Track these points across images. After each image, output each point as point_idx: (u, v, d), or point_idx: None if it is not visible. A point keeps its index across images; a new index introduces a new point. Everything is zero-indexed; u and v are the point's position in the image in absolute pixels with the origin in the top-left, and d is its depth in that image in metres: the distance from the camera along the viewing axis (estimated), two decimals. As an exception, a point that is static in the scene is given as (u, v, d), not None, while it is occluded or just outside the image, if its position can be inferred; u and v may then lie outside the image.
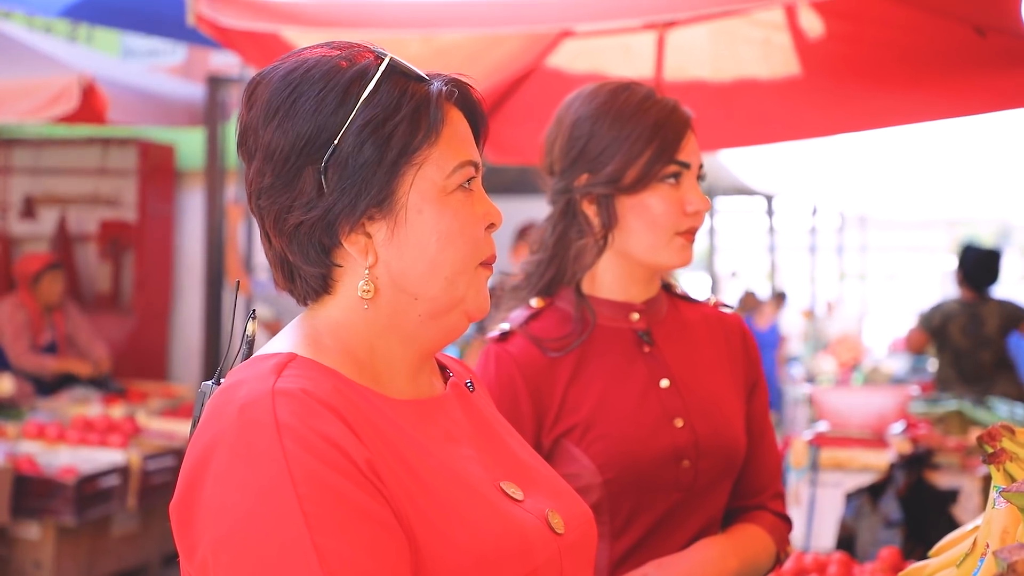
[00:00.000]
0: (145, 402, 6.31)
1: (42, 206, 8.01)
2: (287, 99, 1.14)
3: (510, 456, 1.26)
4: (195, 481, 1.05)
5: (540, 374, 1.69)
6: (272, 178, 1.14)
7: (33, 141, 8.01)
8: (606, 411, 1.68)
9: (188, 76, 7.55)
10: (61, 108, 5.34)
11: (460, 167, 1.17)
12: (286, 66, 1.17)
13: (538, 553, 1.15)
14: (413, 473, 1.09)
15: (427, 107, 1.15)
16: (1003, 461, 1.34)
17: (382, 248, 1.15)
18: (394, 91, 1.14)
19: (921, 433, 4.21)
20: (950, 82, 3.38)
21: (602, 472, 1.65)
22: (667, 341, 1.76)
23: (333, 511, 1.01)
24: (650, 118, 1.69)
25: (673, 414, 1.70)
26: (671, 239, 1.72)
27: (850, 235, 17.02)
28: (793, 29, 3.33)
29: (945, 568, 1.45)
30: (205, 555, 1.03)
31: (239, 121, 1.19)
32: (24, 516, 5.06)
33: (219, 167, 6.82)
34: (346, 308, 1.17)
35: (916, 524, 3.65)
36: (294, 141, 1.13)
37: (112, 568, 5.47)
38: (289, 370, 1.09)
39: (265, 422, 1.03)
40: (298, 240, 1.14)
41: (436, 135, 1.15)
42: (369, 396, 1.13)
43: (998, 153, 12.62)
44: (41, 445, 5.41)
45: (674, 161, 1.70)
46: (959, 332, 5.89)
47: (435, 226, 1.15)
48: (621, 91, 1.73)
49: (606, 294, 1.76)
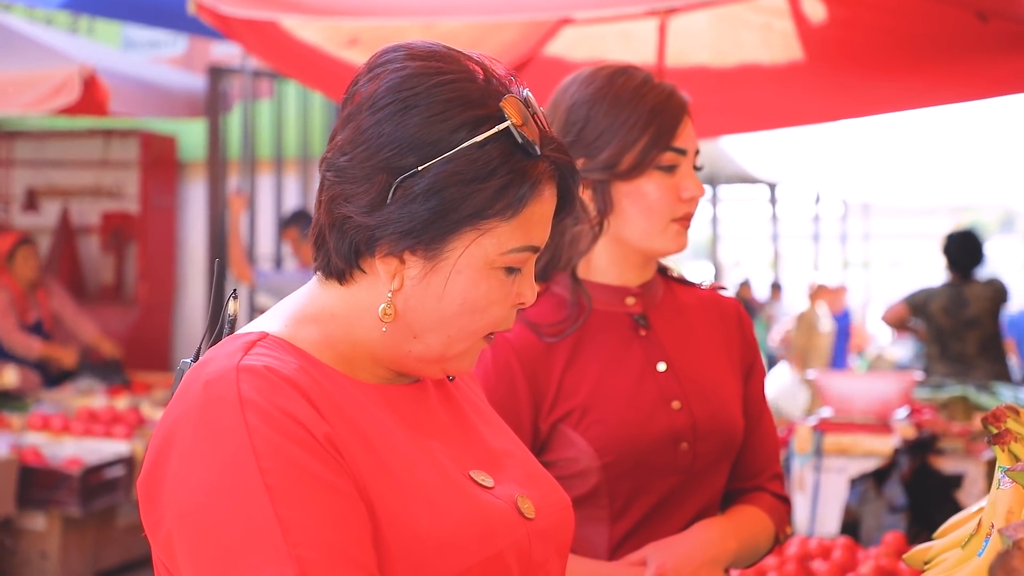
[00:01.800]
0: (149, 393, 6.32)
1: (44, 198, 8.02)
2: (403, 100, 1.11)
3: (483, 445, 1.25)
4: (160, 457, 1.06)
5: (537, 359, 1.69)
6: (347, 162, 1.12)
7: (35, 133, 8.02)
8: (603, 395, 1.68)
9: (189, 67, 7.55)
10: (63, 100, 5.35)
11: (520, 250, 1.15)
12: (425, 65, 1.13)
13: (503, 537, 1.14)
14: (375, 453, 1.09)
15: (519, 185, 1.12)
16: (1008, 442, 1.33)
17: (409, 281, 1.14)
18: (496, 155, 1.11)
19: (925, 418, 4.21)
20: (952, 67, 3.38)
21: (600, 456, 1.65)
22: (663, 324, 1.76)
23: (296, 484, 1.01)
24: (647, 104, 1.68)
25: (670, 397, 1.70)
26: (667, 225, 1.71)
27: (853, 223, 17.00)
28: (795, 14, 3.32)
29: (950, 549, 1.45)
30: (170, 530, 1.04)
31: (359, 73, 1.16)
32: (30, 507, 5.07)
33: (221, 158, 6.82)
34: (350, 307, 1.16)
35: (920, 509, 3.65)
36: (385, 145, 1.10)
37: (118, 559, 5.49)
38: (257, 348, 1.10)
39: (228, 398, 1.04)
40: (339, 229, 1.14)
41: (513, 213, 1.12)
42: (336, 378, 1.13)
43: (1001, 139, 12.58)
44: (46, 436, 5.42)
45: (671, 148, 1.68)
46: (940, 311, 5.96)
47: (464, 292, 1.14)
48: (618, 75, 1.72)
49: (601, 278, 1.75)
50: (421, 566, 1.07)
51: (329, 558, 1.00)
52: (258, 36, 3.53)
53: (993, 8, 3.00)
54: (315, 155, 7.50)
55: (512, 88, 1.16)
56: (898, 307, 6.36)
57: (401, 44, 1.17)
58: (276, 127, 7.34)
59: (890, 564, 2.84)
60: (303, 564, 0.98)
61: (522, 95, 1.15)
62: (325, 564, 0.99)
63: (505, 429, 1.34)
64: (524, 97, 1.15)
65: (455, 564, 1.09)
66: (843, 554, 2.95)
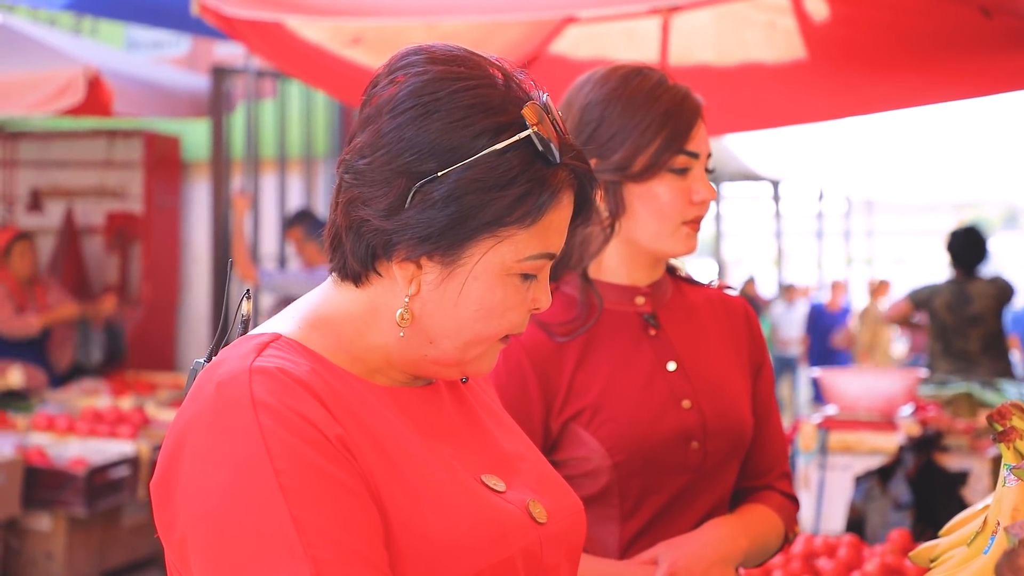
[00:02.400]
0: (154, 393, 6.33)
1: (48, 199, 8.03)
2: (424, 105, 1.10)
3: (496, 449, 1.25)
4: (173, 459, 1.06)
5: (548, 359, 1.69)
6: (367, 165, 1.12)
7: (39, 134, 8.03)
8: (614, 394, 1.68)
9: (192, 67, 7.56)
10: (67, 100, 5.36)
11: (537, 257, 1.14)
12: (446, 70, 1.12)
13: (514, 541, 1.14)
14: (386, 456, 1.09)
15: (539, 193, 1.11)
16: (1013, 439, 1.33)
17: (426, 286, 1.13)
18: (517, 163, 1.10)
19: (930, 415, 4.20)
20: (956, 64, 3.37)
21: (611, 455, 1.65)
22: (673, 324, 1.76)
23: (310, 484, 1.01)
24: (661, 106, 1.68)
25: (681, 396, 1.70)
26: (677, 228, 1.71)
27: (857, 220, 16.98)
28: (798, 12, 3.32)
29: (955, 547, 1.45)
30: (183, 531, 1.04)
31: (379, 75, 1.15)
32: (35, 508, 5.08)
33: (224, 158, 6.83)
34: (365, 310, 1.16)
35: (926, 506, 3.64)
36: (405, 149, 1.10)
37: (123, 559, 5.50)
38: (270, 350, 1.10)
39: (241, 399, 1.04)
40: (356, 232, 1.13)
41: (532, 221, 1.11)
42: (349, 380, 1.13)
43: (1005, 136, 12.58)
44: (51, 437, 5.43)
45: (683, 151, 1.68)
46: (944, 308, 5.98)
47: (480, 298, 1.13)
48: (633, 76, 1.71)
49: (611, 278, 1.76)
50: (431, 569, 1.07)
51: (343, 558, 1.00)
52: (261, 36, 3.53)
53: (997, 4, 2.99)
54: (318, 155, 7.51)
55: (532, 94, 1.15)
56: (902, 304, 6.37)
57: (422, 47, 1.16)
58: (279, 127, 7.34)
59: (895, 562, 2.84)
60: (318, 564, 0.98)
61: (542, 101, 1.15)
62: (339, 564, 0.99)
63: (518, 432, 1.34)
64: (544, 103, 1.14)
65: (465, 567, 1.09)
66: (848, 552, 2.95)
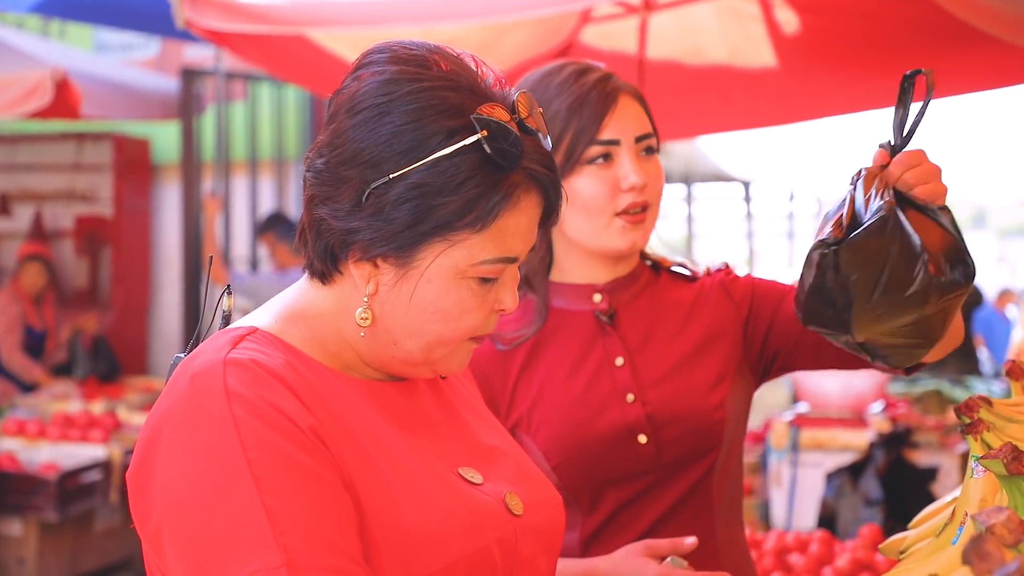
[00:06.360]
0: (125, 396, 6.29)
1: (17, 203, 7.96)
2: (379, 106, 1.10)
3: (474, 442, 1.26)
4: (149, 449, 1.06)
5: (490, 367, 1.67)
6: (323, 165, 1.12)
7: (7, 137, 7.96)
8: (550, 397, 1.66)
9: (162, 69, 7.51)
10: (35, 103, 5.32)
11: (492, 262, 1.13)
12: (404, 70, 1.11)
13: (489, 532, 1.15)
14: (360, 447, 1.10)
15: (489, 197, 1.09)
16: (980, 431, 1.35)
17: (383, 287, 1.13)
18: (465, 167, 1.08)
19: (900, 412, 4.24)
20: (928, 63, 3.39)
21: (547, 458, 1.63)
22: (632, 320, 1.72)
23: (283, 474, 1.02)
24: (566, 100, 1.63)
25: (624, 391, 1.66)
26: (609, 221, 1.65)
27: (827, 220, 17.06)
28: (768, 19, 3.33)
29: (924, 539, 1.46)
30: (158, 521, 1.04)
31: (348, 71, 1.15)
32: (6, 513, 5.05)
33: (195, 160, 6.79)
34: (334, 306, 1.17)
35: (896, 502, 3.68)
36: (359, 151, 1.10)
37: (96, 563, 5.46)
38: (245, 342, 1.11)
39: (215, 390, 1.04)
40: (317, 230, 1.14)
41: (483, 225, 1.10)
42: (324, 373, 1.14)
43: (972, 137, 12.72)
44: (22, 442, 5.39)
45: (595, 141, 1.63)
46: None
47: (435, 300, 1.13)
48: (551, 74, 1.67)
49: (569, 279, 1.73)
50: (406, 560, 1.08)
51: (315, 546, 1.00)
52: (252, 44, 3.51)
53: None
54: (290, 156, 7.48)
55: (497, 94, 1.14)
56: None
57: (390, 44, 1.16)
58: (250, 129, 7.31)
59: (866, 557, 2.87)
60: (290, 552, 0.99)
61: (510, 101, 1.13)
62: (311, 552, 1.00)
63: (497, 427, 1.34)
64: (512, 103, 1.13)
65: (440, 558, 1.10)
66: (820, 547, 2.98)
